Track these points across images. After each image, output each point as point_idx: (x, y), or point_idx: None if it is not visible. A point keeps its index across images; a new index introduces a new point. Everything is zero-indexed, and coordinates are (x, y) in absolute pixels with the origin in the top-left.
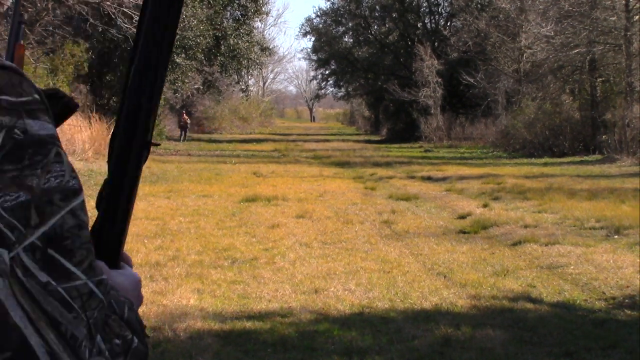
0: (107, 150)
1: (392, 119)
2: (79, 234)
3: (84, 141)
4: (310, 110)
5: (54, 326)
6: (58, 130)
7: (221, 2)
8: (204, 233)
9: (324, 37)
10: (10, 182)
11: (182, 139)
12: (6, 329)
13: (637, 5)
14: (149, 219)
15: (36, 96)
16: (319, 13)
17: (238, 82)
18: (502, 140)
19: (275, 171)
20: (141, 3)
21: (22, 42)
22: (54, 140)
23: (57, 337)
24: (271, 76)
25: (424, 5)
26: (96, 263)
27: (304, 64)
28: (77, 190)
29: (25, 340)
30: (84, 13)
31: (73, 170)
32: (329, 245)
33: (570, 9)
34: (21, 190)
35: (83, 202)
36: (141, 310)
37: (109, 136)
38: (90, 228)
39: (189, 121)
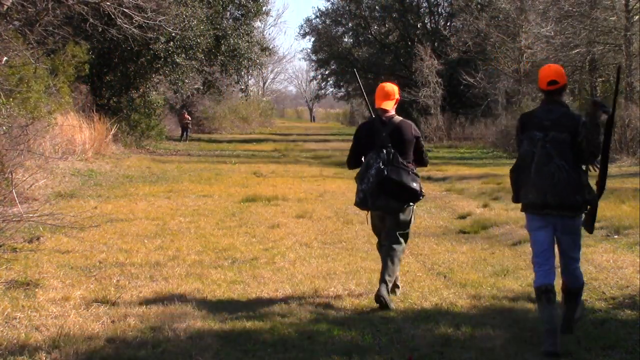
0: (107, 150)
1: None
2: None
3: (84, 141)
4: (310, 110)
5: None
6: (58, 130)
7: (221, 2)
8: (204, 233)
9: (324, 37)
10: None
11: (183, 138)
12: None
13: (637, 5)
14: (149, 219)
15: None
16: (318, 14)
17: (238, 82)
18: (502, 140)
19: (275, 171)
20: (142, 3)
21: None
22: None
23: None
24: (271, 76)
25: (424, 5)
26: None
27: (304, 64)
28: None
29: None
30: (84, 13)
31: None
32: (329, 245)
33: (570, 9)
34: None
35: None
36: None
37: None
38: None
39: (190, 120)
